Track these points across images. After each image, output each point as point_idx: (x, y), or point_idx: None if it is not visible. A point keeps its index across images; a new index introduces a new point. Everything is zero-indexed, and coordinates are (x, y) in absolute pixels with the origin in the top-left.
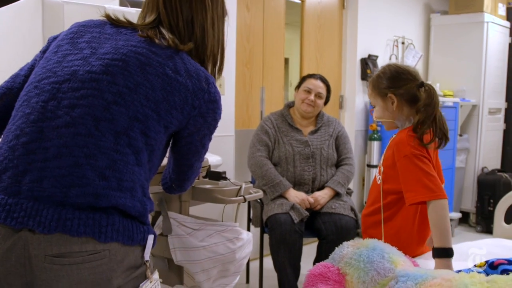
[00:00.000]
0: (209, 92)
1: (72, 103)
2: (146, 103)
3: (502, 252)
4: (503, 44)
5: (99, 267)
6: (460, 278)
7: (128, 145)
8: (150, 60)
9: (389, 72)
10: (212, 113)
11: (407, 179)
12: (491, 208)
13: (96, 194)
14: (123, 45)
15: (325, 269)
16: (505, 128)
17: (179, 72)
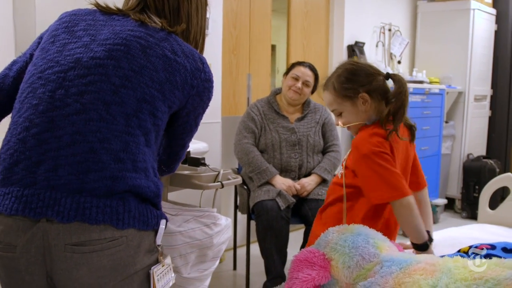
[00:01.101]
0: (204, 71)
1: (80, 90)
2: (152, 84)
3: (486, 237)
4: (489, 31)
5: (118, 253)
6: (444, 263)
7: (138, 126)
8: (149, 43)
9: (350, 71)
10: (207, 92)
11: (369, 179)
12: (476, 194)
13: (113, 177)
14: (120, 30)
15: (310, 255)
16: (490, 115)
17: (176, 53)
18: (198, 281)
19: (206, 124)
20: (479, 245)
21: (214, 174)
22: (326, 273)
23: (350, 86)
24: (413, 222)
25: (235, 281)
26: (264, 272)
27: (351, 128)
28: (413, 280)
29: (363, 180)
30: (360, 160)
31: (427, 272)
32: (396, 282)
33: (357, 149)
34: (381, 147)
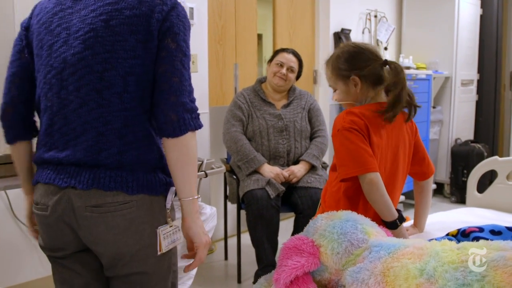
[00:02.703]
0: (165, 3)
1: (76, 86)
2: (126, 55)
3: (474, 220)
4: (475, 16)
5: (129, 214)
6: (432, 246)
7: (132, 99)
8: (110, 15)
9: (350, 53)
10: (176, 16)
11: (340, 153)
12: (465, 179)
13: (120, 151)
14: (85, 15)
15: (299, 242)
16: (477, 99)
17: (133, 6)
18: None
19: None
20: (467, 228)
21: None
22: (315, 259)
23: (345, 67)
24: (378, 200)
25: (226, 271)
26: (255, 261)
27: (344, 106)
28: (402, 264)
29: (336, 155)
30: (334, 136)
31: (415, 256)
32: (385, 266)
33: (334, 126)
34: (352, 124)
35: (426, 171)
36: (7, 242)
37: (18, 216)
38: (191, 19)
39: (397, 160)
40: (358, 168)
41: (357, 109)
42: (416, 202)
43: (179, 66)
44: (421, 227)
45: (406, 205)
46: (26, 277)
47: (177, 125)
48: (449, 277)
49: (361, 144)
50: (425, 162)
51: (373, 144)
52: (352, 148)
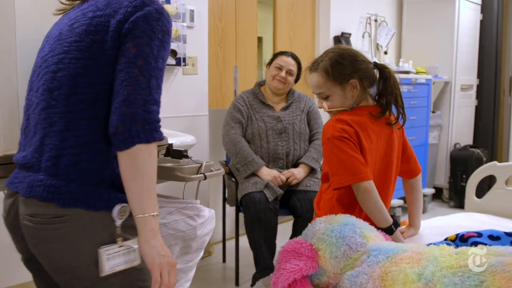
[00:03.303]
0: (133, 6)
1: (37, 87)
2: (80, 55)
3: (473, 225)
4: (475, 21)
5: (62, 228)
6: (430, 251)
7: (79, 102)
8: (77, 17)
9: (350, 56)
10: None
11: (330, 163)
12: (464, 184)
13: (58, 155)
14: (62, 22)
15: (298, 245)
16: (477, 104)
17: (99, 8)
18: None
19: (194, 117)
20: (465, 233)
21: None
22: (314, 263)
23: (344, 71)
24: (373, 207)
25: (224, 274)
26: (253, 264)
27: (334, 113)
28: (400, 268)
29: (327, 165)
30: (324, 144)
31: (414, 260)
32: (383, 271)
33: (323, 134)
34: (342, 133)
35: (414, 169)
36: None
37: None
38: (191, 21)
39: (388, 161)
40: (351, 177)
41: (345, 116)
42: (409, 202)
43: (135, 73)
44: (416, 226)
45: (404, 209)
46: (25, 277)
47: (123, 137)
48: (447, 282)
49: (353, 152)
50: (412, 160)
51: (364, 149)
52: (343, 158)
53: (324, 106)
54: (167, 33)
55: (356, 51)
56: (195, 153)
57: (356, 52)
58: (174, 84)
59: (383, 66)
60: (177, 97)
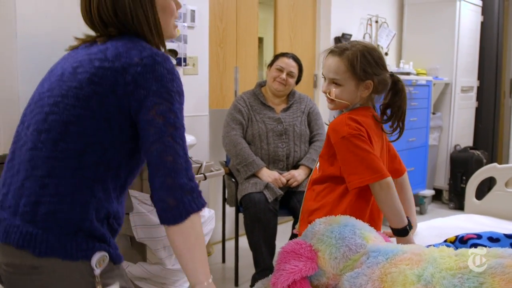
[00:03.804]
0: (143, 65)
1: (28, 123)
2: (78, 103)
3: (472, 226)
4: (475, 22)
5: (39, 281)
6: (430, 252)
7: (65, 150)
8: (82, 62)
9: (377, 57)
10: (154, 81)
11: (348, 161)
12: (464, 185)
13: (36, 202)
14: (67, 62)
15: (297, 246)
16: (477, 106)
17: (107, 59)
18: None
19: (194, 117)
20: (465, 235)
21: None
22: (313, 264)
23: (369, 70)
24: (393, 205)
25: (224, 274)
26: (253, 265)
27: (335, 104)
28: (399, 270)
29: (343, 164)
30: (339, 143)
31: (413, 262)
32: (383, 272)
33: (335, 132)
34: (359, 131)
35: (399, 168)
36: None
37: None
38: (192, 22)
39: (384, 161)
40: (374, 175)
41: (355, 116)
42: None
43: (170, 142)
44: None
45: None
46: None
47: (177, 211)
48: (446, 284)
49: (371, 150)
50: (396, 159)
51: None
52: (363, 155)
53: (330, 92)
54: (182, 94)
55: (382, 55)
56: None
57: (382, 55)
58: None
59: (398, 79)
60: None
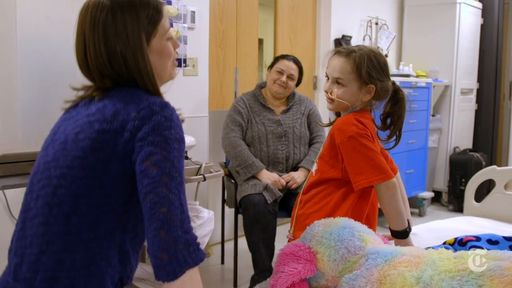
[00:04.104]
0: (141, 117)
1: (37, 194)
2: (84, 173)
3: (471, 229)
4: (475, 25)
5: None
6: (429, 255)
7: (79, 223)
8: (82, 127)
9: (383, 63)
10: (151, 131)
11: (356, 160)
12: (463, 188)
13: (54, 277)
14: (70, 124)
15: (296, 248)
16: (476, 108)
17: (106, 119)
18: None
19: (193, 118)
20: (464, 237)
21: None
22: (312, 266)
23: (372, 73)
24: (397, 206)
25: (223, 275)
26: (251, 266)
27: (335, 104)
28: (398, 272)
29: (349, 164)
30: (346, 142)
31: (412, 264)
32: (381, 274)
33: (341, 132)
34: (366, 131)
35: (392, 167)
36: (4, 241)
37: (15, 216)
38: (192, 23)
39: None
40: (381, 175)
41: (359, 117)
42: None
43: (164, 193)
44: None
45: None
46: None
47: (171, 268)
48: (445, 286)
49: (378, 150)
50: (388, 160)
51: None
52: (371, 155)
53: (332, 91)
54: (182, 141)
55: (387, 63)
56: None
57: (387, 62)
58: (174, 85)
59: (399, 88)
60: (177, 98)
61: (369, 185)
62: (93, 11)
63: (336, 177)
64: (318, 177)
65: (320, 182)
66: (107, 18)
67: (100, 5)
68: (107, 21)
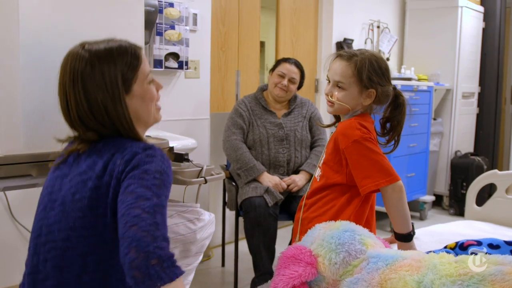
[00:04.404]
0: (124, 162)
1: (44, 257)
2: (86, 232)
3: (472, 233)
4: (477, 28)
5: None
6: (430, 259)
7: (91, 280)
8: (77, 187)
9: (384, 67)
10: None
11: (361, 164)
12: (464, 191)
13: None
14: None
15: (297, 251)
16: (478, 112)
17: (97, 174)
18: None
19: (195, 120)
20: (465, 241)
21: (198, 170)
22: (313, 269)
23: (374, 78)
24: (403, 209)
25: (223, 278)
26: (252, 269)
27: (335, 107)
28: (399, 276)
29: (355, 168)
30: (351, 147)
31: (413, 268)
32: (382, 278)
33: (346, 137)
34: (371, 135)
35: None
36: (5, 242)
37: (16, 217)
38: (194, 25)
39: None
40: (388, 177)
41: (362, 122)
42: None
43: (137, 212)
44: None
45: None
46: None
47: (144, 285)
48: None
49: (382, 153)
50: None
51: None
52: (377, 159)
53: (333, 94)
54: (164, 172)
55: (388, 67)
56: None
57: (388, 67)
58: (176, 88)
59: (400, 93)
60: (179, 100)
61: (377, 188)
62: (72, 62)
63: (341, 182)
64: (323, 182)
65: (324, 187)
66: (86, 69)
67: (78, 57)
68: (86, 72)
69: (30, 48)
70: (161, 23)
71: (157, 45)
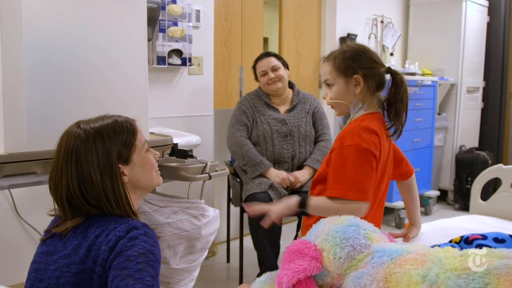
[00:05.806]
0: (108, 248)
1: None
2: None
3: (477, 227)
4: (482, 23)
5: None
6: (435, 253)
7: None
8: (61, 271)
9: (356, 50)
10: (115, 256)
11: (339, 169)
12: (469, 186)
13: None
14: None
15: (302, 246)
16: (482, 106)
17: (81, 259)
18: (187, 272)
19: (199, 117)
20: (470, 235)
21: (202, 166)
22: (318, 264)
23: (350, 64)
24: (325, 211)
25: (228, 274)
26: (257, 265)
27: (336, 107)
28: (404, 270)
29: (335, 169)
30: (339, 148)
31: (418, 262)
32: (387, 272)
33: (343, 139)
34: (369, 146)
35: (407, 171)
36: (10, 240)
37: (21, 215)
38: (197, 22)
39: (385, 166)
40: (358, 194)
41: (369, 123)
42: (407, 201)
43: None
44: (418, 224)
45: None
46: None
47: None
48: (451, 284)
49: (371, 170)
50: (403, 162)
51: (380, 161)
52: (358, 172)
53: (327, 97)
54: (148, 252)
55: (370, 50)
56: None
57: (368, 50)
58: (180, 84)
59: (396, 72)
60: (183, 97)
61: (343, 197)
62: (68, 141)
63: None
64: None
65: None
66: (81, 147)
67: (73, 135)
68: (81, 150)
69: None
70: (164, 20)
71: (160, 41)
